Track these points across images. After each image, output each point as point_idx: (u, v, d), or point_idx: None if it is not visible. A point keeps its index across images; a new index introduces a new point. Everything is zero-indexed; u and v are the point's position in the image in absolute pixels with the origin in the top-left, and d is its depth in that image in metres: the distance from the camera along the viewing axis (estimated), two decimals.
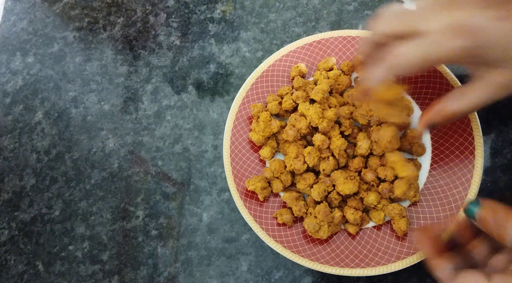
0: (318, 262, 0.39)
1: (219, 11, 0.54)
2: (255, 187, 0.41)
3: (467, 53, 0.28)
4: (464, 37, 0.27)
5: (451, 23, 0.28)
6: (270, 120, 0.43)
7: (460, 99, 0.31)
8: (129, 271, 0.45)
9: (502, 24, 0.27)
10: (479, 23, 0.27)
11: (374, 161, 0.41)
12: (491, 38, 0.27)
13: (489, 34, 0.27)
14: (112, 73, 0.53)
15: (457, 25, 0.27)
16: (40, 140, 0.51)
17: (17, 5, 0.58)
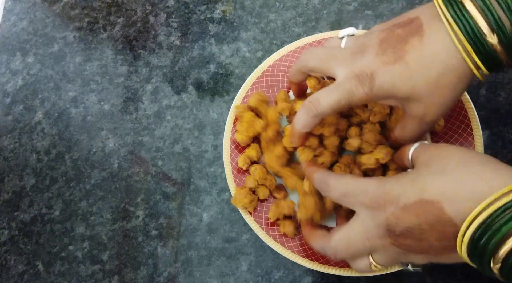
0: (318, 262, 0.39)
1: (219, 11, 0.54)
2: (243, 204, 0.41)
3: (374, 96, 0.31)
4: (364, 83, 0.31)
5: (355, 71, 0.31)
6: (253, 121, 0.42)
7: (403, 131, 0.35)
8: (129, 271, 0.45)
9: (388, 68, 0.30)
10: (373, 69, 0.31)
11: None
12: (384, 82, 0.30)
13: (381, 78, 0.30)
14: (112, 73, 0.53)
15: (358, 73, 0.31)
16: (40, 140, 0.51)
17: (17, 5, 0.58)
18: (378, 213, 0.29)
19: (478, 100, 0.46)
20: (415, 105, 0.31)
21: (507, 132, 0.45)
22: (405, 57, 0.30)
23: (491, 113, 0.45)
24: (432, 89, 0.30)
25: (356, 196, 0.31)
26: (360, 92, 0.31)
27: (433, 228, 0.27)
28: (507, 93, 0.46)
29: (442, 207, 0.26)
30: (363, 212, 0.30)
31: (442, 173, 0.27)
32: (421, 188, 0.27)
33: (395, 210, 0.28)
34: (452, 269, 0.41)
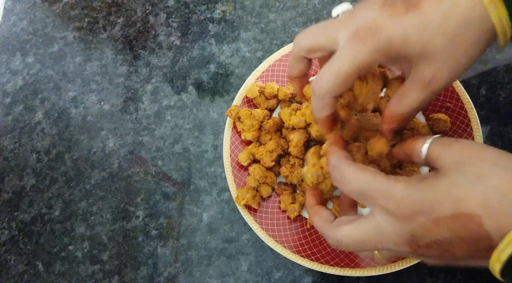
0: (318, 262, 0.39)
1: (219, 11, 0.54)
2: (246, 200, 0.41)
3: (380, 55, 0.27)
4: (367, 40, 0.26)
5: (354, 29, 0.27)
6: (251, 114, 0.43)
7: (401, 101, 0.30)
8: (129, 271, 0.45)
9: (398, 20, 0.26)
10: (377, 23, 0.26)
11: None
12: (392, 36, 0.26)
13: (389, 32, 0.26)
14: (112, 73, 0.53)
15: (359, 29, 0.27)
16: (40, 140, 0.51)
17: (17, 5, 0.58)
18: (402, 222, 0.25)
19: (478, 100, 0.46)
20: (425, 66, 0.27)
21: (507, 132, 0.44)
22: (420, 5, 0.26)
23: (491, 113, 0.45)
24: (448, 45, 0.26)
25: (377, 199, 0.26)
26: (362, 52, 0.27)
27: (465, 241, 0.24)
28: (507, 93, 0.46)
29: (480, 221, 0.23)
30: (382, 217, 0.26)
31: (480, 181, 0.24)
32: (458, 198, 0.24)
33: (425, 221, 0.25)
34: (452, 268, 0.41)
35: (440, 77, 0.27)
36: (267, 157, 0.41)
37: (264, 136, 0.43)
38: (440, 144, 0.28)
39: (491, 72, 0.47)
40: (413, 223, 0.25)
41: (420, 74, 0.28)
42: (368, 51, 0.26)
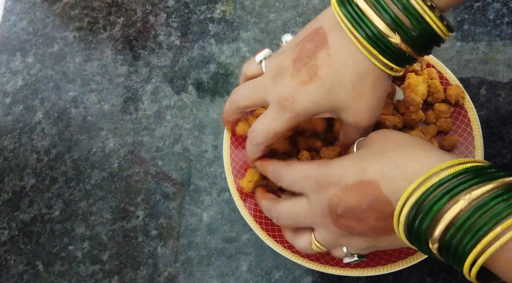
0: (318, 262, 0.39)
1: (219, 11, 0.54)
2: (254, 181, 0.41)
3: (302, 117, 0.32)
4: (286, 109, 0.31)
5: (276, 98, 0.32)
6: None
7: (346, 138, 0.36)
8: (129, 271, 0.45)
9: (306, 89, 0.31)
10: (291, 93, 0.31)
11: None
12: (306, 104, 0.31)
13: (303, 99, 0.31)
14: (112, 73, 0.53)
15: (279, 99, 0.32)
16: (40, 140, 0.51)
17: (17, 5, 0.58)
18: (321, 194, 0.30)
19: (478, 100, 0.46)
20: (345, 115, 0.32)
21: (507, 132, 0.45)
22: (318, 73, 0.30)
23: (491, 113, 0.45)
24: (353, 97, 0.31)
25: (302, 181, 0.31)
26: (286, 118, 0.32)
27: (372, 208, 0.27)
28: (507, 93, 0.46)
29: (379, 187, 0.27)
30: (309, 195, 0.31)
31: (380, 154, 0.28)
32: (361, 168, 0.28)
33: (336, 190, 0.29)
34: (452, 268, 0.41)
35: (361, 120, 0.32)
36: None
37: None
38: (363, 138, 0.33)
39: (491, 72, 0.47)
40: (328, 193, 0.29)
41: (347, 120, 0.33)
42: (290, 116, 0.32)
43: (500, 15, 0.49)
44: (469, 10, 0.50)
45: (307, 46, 0.31)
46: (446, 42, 0.48)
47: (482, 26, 0.49)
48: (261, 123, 0.34)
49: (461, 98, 0.41)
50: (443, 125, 0.41)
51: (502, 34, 0.48)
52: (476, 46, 0.48)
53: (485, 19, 0.49)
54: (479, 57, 0.48)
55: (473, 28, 0.49)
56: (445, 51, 0.48)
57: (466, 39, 0.48)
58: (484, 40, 0.48)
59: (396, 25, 0.28)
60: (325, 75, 0.30)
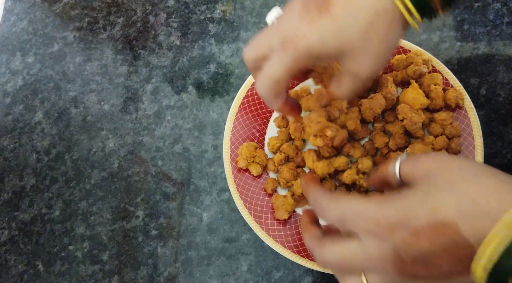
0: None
1: (219, 11, 0.54)
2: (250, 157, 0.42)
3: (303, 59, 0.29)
4: (290, 49, 0.29)
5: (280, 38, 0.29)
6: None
7: (338, 88, 0.32)
8: (129, 271, 0.45)
9: (314, 25, 0.28)
10: (297, 31, 0.29)
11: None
12: (311, 42, 0.28)
13: (307, 38, 0.28)
14: (112, 73, 0.53)
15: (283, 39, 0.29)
16: (40, 140, 0.51)
17: (17, 5, 0.58)
18: (382, 239, 0.26)
19: (478, 100, 0.46)
20: (349, 61, 0.30)
21: (507, 132, 0.44)
22: (330, 9, 0.28)
23: (491, 113, 0.45)
24: (363, 39, 0.28)
25: (354, 221, 0.27)
26: (287, 59, 0.29)
27: (447, 251, 0.24)
28: (507, 93, 0.46)
29: (458, 228, 0.23)
30: (365, 238, 0.26)
31: (452, 189, 0.25)
32: (432, 207, 0.24)
33: (403, 235, 0.25)
34: None
35: (364, 69, 0.29)
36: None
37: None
38: (410, 161, 0.29)
39: (491, 72, 0.47)
40: (393, 238, 0.25)
41: (347, 68, 0.30)
42: (291, 58, 0.29)
43: (500, 15, 0.49)
44: (469, 10, 0.50)
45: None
46: (446, 42, 0.48)
47: (482, 26, 0.49)
48: (264, 72, 0.31)
49: (460, 101, 0.41)
50: (453, 131, 0.41)
51: (502, 34, 0.48)
52: (476, 46, 0.48)
53: (485, 19, 0.49)
54: (479, 57, 0.48)
55: (473, 28, 0.49)
56: (445, 51, 0.48)
57: (466, 39, 0.48)
58: (484, 40, 0.48)
59: None
60: (338, 11, 0.28)
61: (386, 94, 0.41)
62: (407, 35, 0.49)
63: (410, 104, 0.40)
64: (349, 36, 0.28)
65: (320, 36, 0.28)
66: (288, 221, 0.42)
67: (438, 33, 0.49)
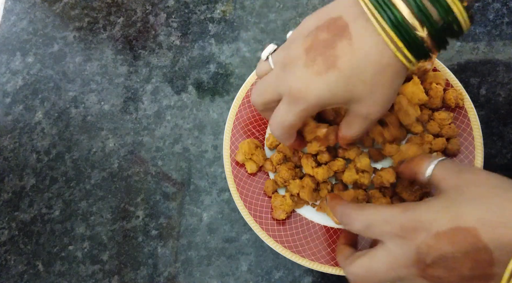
0: (318, 262, 0.39)
1: (219, 11, 0.54)
2: (249, 153, 0.42)
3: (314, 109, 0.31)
4: (300, 101, 0.31)
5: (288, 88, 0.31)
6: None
7: (348, 129, 0.35)
8: (129, 271, 0.45)
9: (322, 79, 0.30)
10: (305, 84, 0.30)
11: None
12: (320, 94, 0.30)
13: (317, 91, 0.30)
14: (112, 73, 0.53)
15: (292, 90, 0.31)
16: (40, 140, 0.51)
17: (17, 5, 0.58)
18: (407, 241, 0.27)
19: (478, 100, 0.46)
20: (358, 106, 0.31)
21: (507, 132, 0.44)
22: (337, 63, 0.29)
23: (491, 113, 0.45)
24: (370, 90, 0.30)
25: (381, 226, 0.29)
26: (298, 110, 0.31)
27: (467, 256, 0.25)
28: (507, 93, 0.46)
29: (478, 234, 0.25)
30: (390, 242, 0.28)
31: (477, 200, 0.26)
32: (456, 214, 0.26)
33: (426, 237, 0.26)
34: None
35: (372, 112, 0.32)
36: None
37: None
38: (444, 168, 0.31)
39: (491, 72, 0.47)
40: (417, 240, 0.27)
41: (357, 112, 0.32)
42: (302, 108, 0.31)
43: (500, 15, 0.49)
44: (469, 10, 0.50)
45: (323, 36, 0.30)
46: None
47: (482, 26, 0.49)
48: (275, 117, 0.33)
49: (460, 101, 0.41)
50: (449, 132, 0.41)
51: (502, 34, 0.48)
52: (476, 46, 0.48)
53: (485, 19, 0.49)
54: (479, 57, 0.48)
55: (473, 28, 0.49)
56: (445, 51, 0.48)
57: (466, 39, 0.48)
58: (484, 40, 0.48)
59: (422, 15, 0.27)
60: (345, 65, 0.29)
61: None
62: None
63: (408, 98, 0.40)
64: (357, 88, 0.30)
65: (329, 89, 0.30)
66: (288, 221, 0.42)
67: None
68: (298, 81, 0.30)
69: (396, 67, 0.29)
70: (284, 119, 0.32)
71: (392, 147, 0.40)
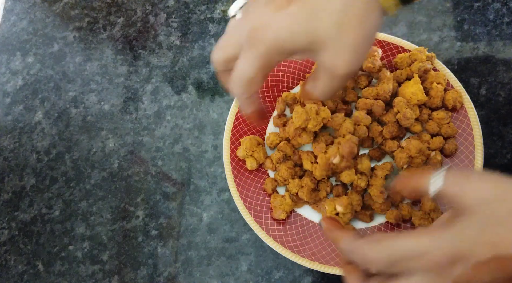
0: (318, 262, 0.39)
1: (219, 11, 0.54)
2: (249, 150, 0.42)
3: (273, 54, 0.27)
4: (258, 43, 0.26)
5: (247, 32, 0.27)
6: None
7: (314, 87, 0.30)
8: (129, 271, 0.45)
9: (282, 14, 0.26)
10: (263, 22, 0.26)
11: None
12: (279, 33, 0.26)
13: (275, 30, 0.26)
14: (112, 73, 0.53)
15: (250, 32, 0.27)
16: (40, 140, 0.51)
17: (17, 5, 0.58)
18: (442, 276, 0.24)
19: (478, 100, 0.46)
20: (323, 54, 0.27)
21: (507, 132, 0.44)
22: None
23: (491, 113, 0.45)
24: (337, 25, 0.25)
25: (408, 262, 0.25)
26: (256, 55, 0.27)
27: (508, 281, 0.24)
28: (507, 93, 0.46)
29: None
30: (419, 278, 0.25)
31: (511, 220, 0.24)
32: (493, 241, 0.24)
33: (464, 269, 0.24)
34: None
35: (340, 62, 0.26)
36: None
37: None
38: (455, 179, 0.26)
39: (491, 72, 0.47)
40: (453, 273, 0.24)
41: (322, 63, 0.27)
42: (261, 53, 0.26)
43: (500, 15, 0.49)
44: (469, 10, 0.50)
45: None
46: (446, 42, 0.48)
47: (482, 26, 0.49)
48: (234, 71, 0.29)
49: (458, 104, 0.41)
50: (449, 131, 0.41)
51: (502, 34, 0.48)
52: (476, 46, 0.48)
53: (485, 19, 0.49)
54: (479, 57, 0.48)
55: (473, 28, 0.49)
56: (445, 51, 0.48)
57: (466, 39, 0.48)
58: (484, 40, 0.48)
59: None
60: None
61: (379, 90, 0.41)
62: (407, 35, 0.49)
63: (408, 98, 0.40)
64: (321, 24, 0.25)
65: (289, 25, 0.26)
66: (288, 221, 0.42)
67: (438, 33, 0.49)
68: (256, 20, 0.27)
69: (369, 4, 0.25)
70: (242, 70, 0.28)
71: (393, 143, 0.40)
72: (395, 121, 0.40)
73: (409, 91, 0.40)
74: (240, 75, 0.28)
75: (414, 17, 0.50)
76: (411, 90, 0.40)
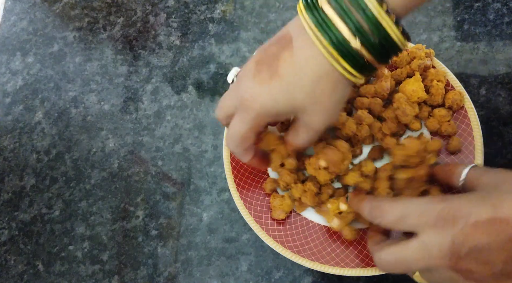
0: (318, 262, 0.39)
1: (219, 11, 0.54)
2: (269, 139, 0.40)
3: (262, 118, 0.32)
4: (249, 109, 0.32)
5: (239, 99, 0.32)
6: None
7: (294, 138, 0.35)
8: (129, 271, 0.45)
9: (266, 87, 0.31)
10: (252, 93, 0.32)
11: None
12: (265, 103, 0.31)
13: (261, 100, 0.31)
14: (112, 73, 0.53)
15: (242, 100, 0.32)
16: (40, 140, 0.51)
17: (17, 5, 0.58)
18: (443, 231, 0.27)
19: (478, 100, 0.46)
20: (301, 115, 0.32)
21: (507, 132, 0.44)
22: (279, 71, 0.30)
23: (491, 113, 0.45)
24: (311, 99, 0.31)
25: (417, 217, 0.29)
26: (248, 119, 0.32)
27: (503, 247, 0.26)
28: (507, 93, 0.46)
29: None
30: (425, 233, 0.28)
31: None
32: (493, 205, 0.26)
33: (464, 226, 0.26)
34: None
35: (315, 122, 0.33)
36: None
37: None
38: (480, 171, 0.32)
39: (491, 72, 0.47)
40: (454, 230, 0.27)
41: (301, 120, 0.33)
42: (251, 118, 0.32)
43: (500, 15, 0.49)
44: (469, 10, 0.50)
45: (272, 49, 0.31)
46: (446, 42, 0.48)
47: (482, 26, 0.49)
48: (230, 129, 0.34)
49: (456, 105, 0.41)
50: (449, 129, 0.41)
51: (502, 34, 0.48)
52: (476, 46, 0.48)
53: (485, 19, 0.49)
54: (479, 57, 0.48)
55: (473, 28, 0.49)
56: (445, 51, 0.48)
57: (466, 39, 0.48)
58: (484, 40, 0.48)
59: (357, 31, 0.28)
60: (285, 73, 0.30)
61: (377, 88, 0.41)
62: None
63: (408, 96, 0.40)
64: (298, 95, 0.31)
65: (272, 97, 0.31)
66: (288, 221, 0.42)
67: (438, 33, 0.49)
68: (246, 91, 0.32)
69: (334, 77, 0.30)
70: (236, 130, 0.33)
71: (391, 139, 0.40)
72: (394, 118, 0.40)
73: (410, 89, 0.40)
74: (234, 132, 0.34)
75: (414, 17, 0.50)
76: (411, 87, 0.40)
